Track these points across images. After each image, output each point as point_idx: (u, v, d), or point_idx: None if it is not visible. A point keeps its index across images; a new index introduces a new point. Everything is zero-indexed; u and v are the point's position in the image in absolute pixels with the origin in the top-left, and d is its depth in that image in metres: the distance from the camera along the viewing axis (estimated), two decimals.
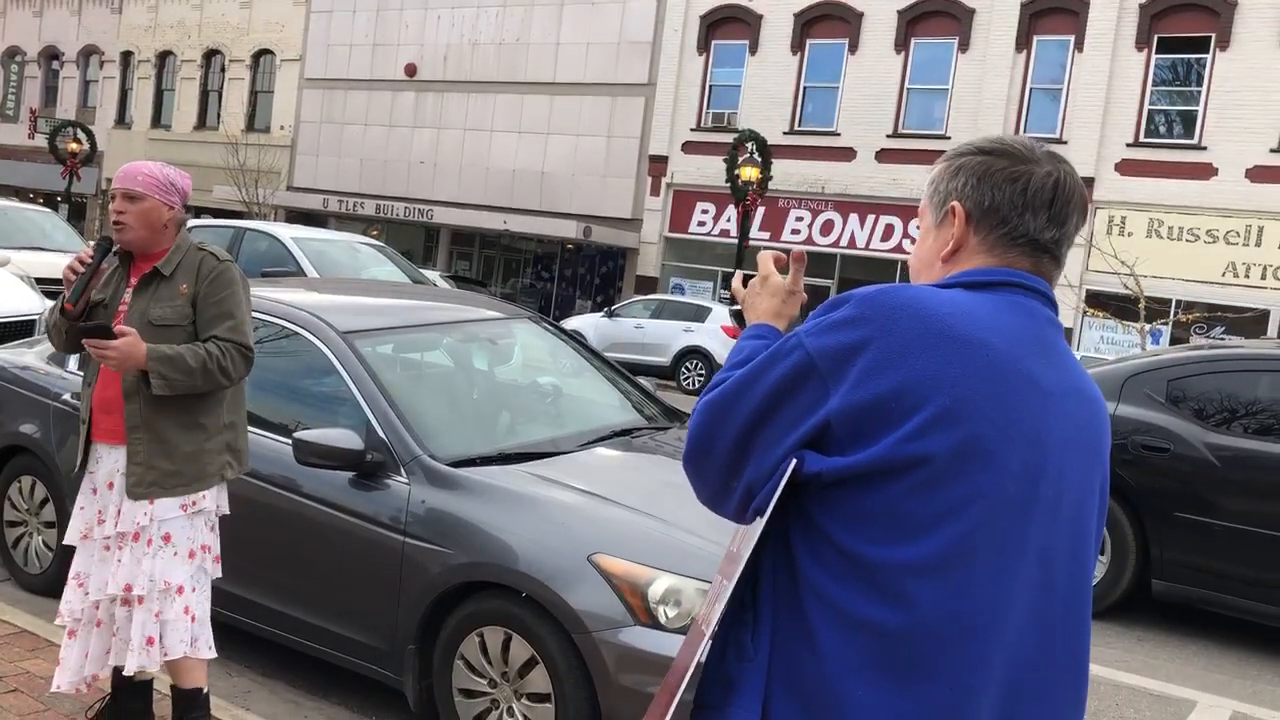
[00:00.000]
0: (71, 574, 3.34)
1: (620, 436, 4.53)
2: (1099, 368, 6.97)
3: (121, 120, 36.13)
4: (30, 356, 5.22)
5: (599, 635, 3.24)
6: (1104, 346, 19.95)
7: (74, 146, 31.27)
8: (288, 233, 11.37)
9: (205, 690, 3.40)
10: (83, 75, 37.46)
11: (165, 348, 3.14)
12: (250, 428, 4.25)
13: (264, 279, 8.77)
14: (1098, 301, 20.48)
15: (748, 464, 1.42)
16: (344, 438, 3.78)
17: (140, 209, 3.25)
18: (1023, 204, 1.47)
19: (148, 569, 3.20)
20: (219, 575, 3.44)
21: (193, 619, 3.30)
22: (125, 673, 3.29)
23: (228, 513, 3.45)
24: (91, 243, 3.33)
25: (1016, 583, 1.34)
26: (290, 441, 3.90)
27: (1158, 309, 19.31)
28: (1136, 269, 18.65)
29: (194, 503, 3.27)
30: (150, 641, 3.21)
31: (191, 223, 12.61)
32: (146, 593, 3.20)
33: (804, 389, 1.37)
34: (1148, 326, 18.71)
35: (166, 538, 3.23)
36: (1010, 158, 1.51)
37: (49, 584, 4.91)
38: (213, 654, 3.37)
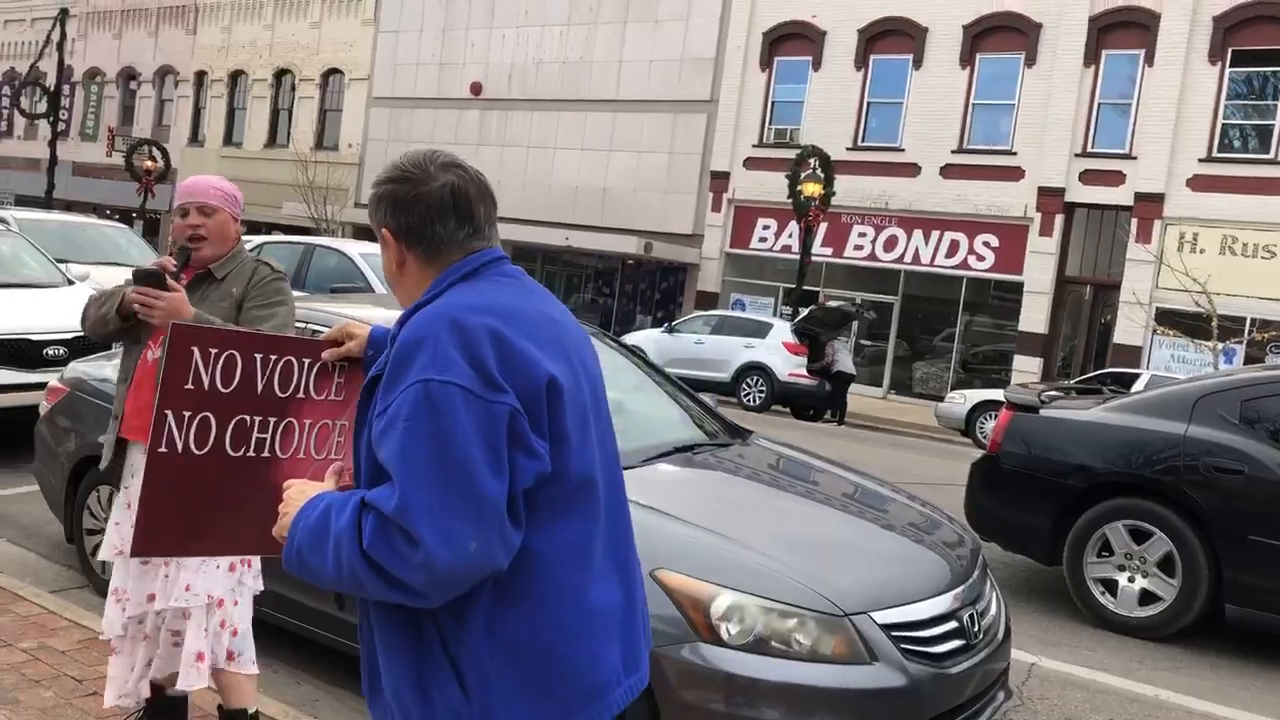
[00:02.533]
0: (110, 589, 3.33)
1: (682, 452, 4.54)
2: (1169, 387, 6.84)
3: (195, 138, 37.03)
4: (109, 369, 5.37)
5: (660, 650, 3.25)
6: (1175, 365, 19.53)
7: (149, 164, 32.05)
8: (356, 249, 11.55)
9: (253, 710, 3.35)
10: (158, 95, 38.48)
11: (213, 319, 3.11)
12: None
13: (333, 295, 8.95)
14: (1168, 320, 20.08)
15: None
16: None
17: (215, 222, 3.29)
18: (429, 218, 1.82)
19: (185, 581, 3.16)
20: (260, 588, 3.41)
21: (233, 633, 3.25)
22: (176, 688, 3.25)
23: None
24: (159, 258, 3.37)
25: (594, 449, 1.82)
26: None
27: (1231, 327, 18.88)
28: (1209, 286, 18.25)
29: None
30: (200, 657, 3.18)
31: (262, 239, 12.87)
32: (193, 606, 3.17)
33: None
34: (1220, 345, 18.29)
35: None
36: (410, 182, 1.84)
37: None
38: (255, 669, 3.33)
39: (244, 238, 3.63)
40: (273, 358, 2.23)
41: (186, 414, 2.11)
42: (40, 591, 4.91)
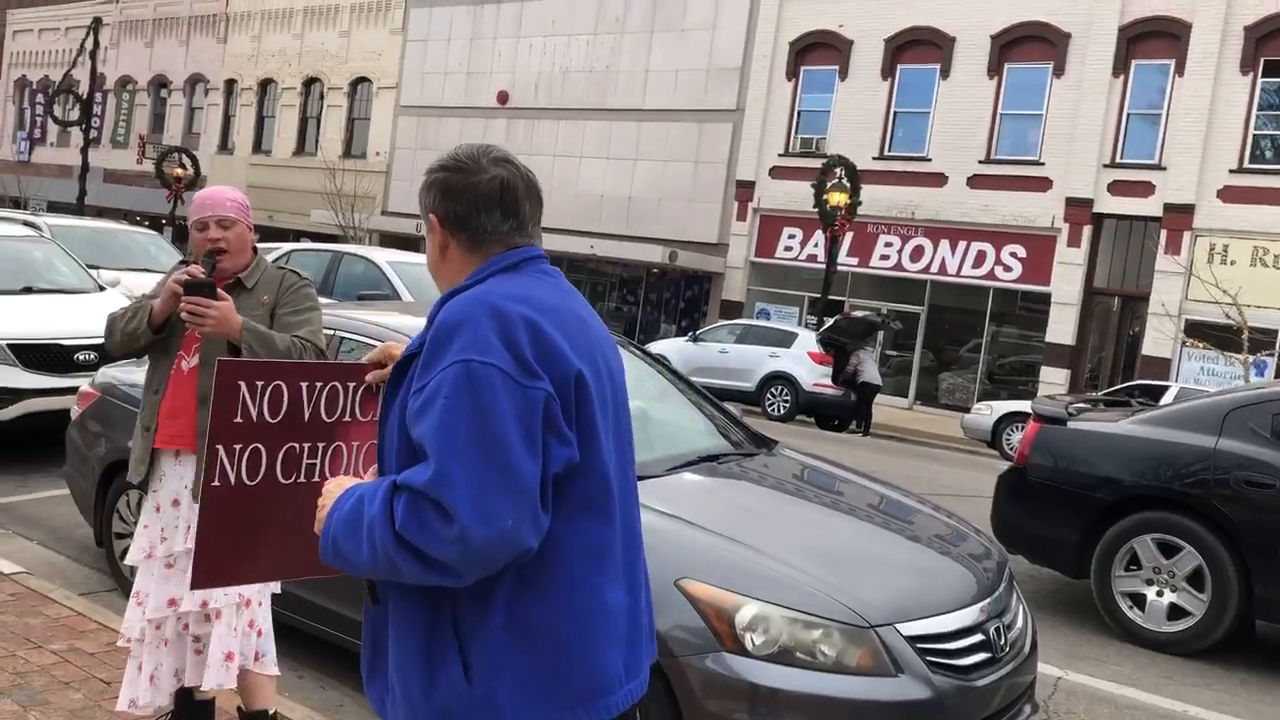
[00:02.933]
0: (133, 592, 3.38)
1: (706, 462, 4.54)
2: (1199, 400, 6.78)
3: (224, 146, 37.36)
4: (140, 374, 5.41)
5: (685, 660, 3.25)
6: (1204, 378, 19.34)
7: (179, 171, 32.35)
8: (383, 256, 11.61)
9: (272, 711, 3.39)
10: (189, 103, 38.85)
11: (258, 325, 3.20)
12: None
13: (360, 302, 8.99)
14: (1198, 332, 19.89)
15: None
16: None
17: (235, 233, 3.35)
18: (475, 208, 1.88)
19: None
20: (278, 589, 3.47)
21: (258, 633, 3.32)
22: (203, 688, 3.29)
23: None
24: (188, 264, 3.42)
25: (614, 452, 1.85)
26: None
27: (1262, 340, 18.69)
28: (1239, 298, 18.07)
29: None
30: (230, 657, 3.23)
31: (290, 247, 12.96)
32: (225, 607, 3.23)
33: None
34: (1251, 358, 18.10)
35: None
36: (461, 172, 1.89)
37: None
38: (277, 671, 3.40)
39: (273, 245, 3.68)
40: (318, 385, 2.26)
41: (237, 447, 2.16)
42: (70, 594, 4.95)
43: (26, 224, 11.73)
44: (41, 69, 43.84)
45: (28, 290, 8.69)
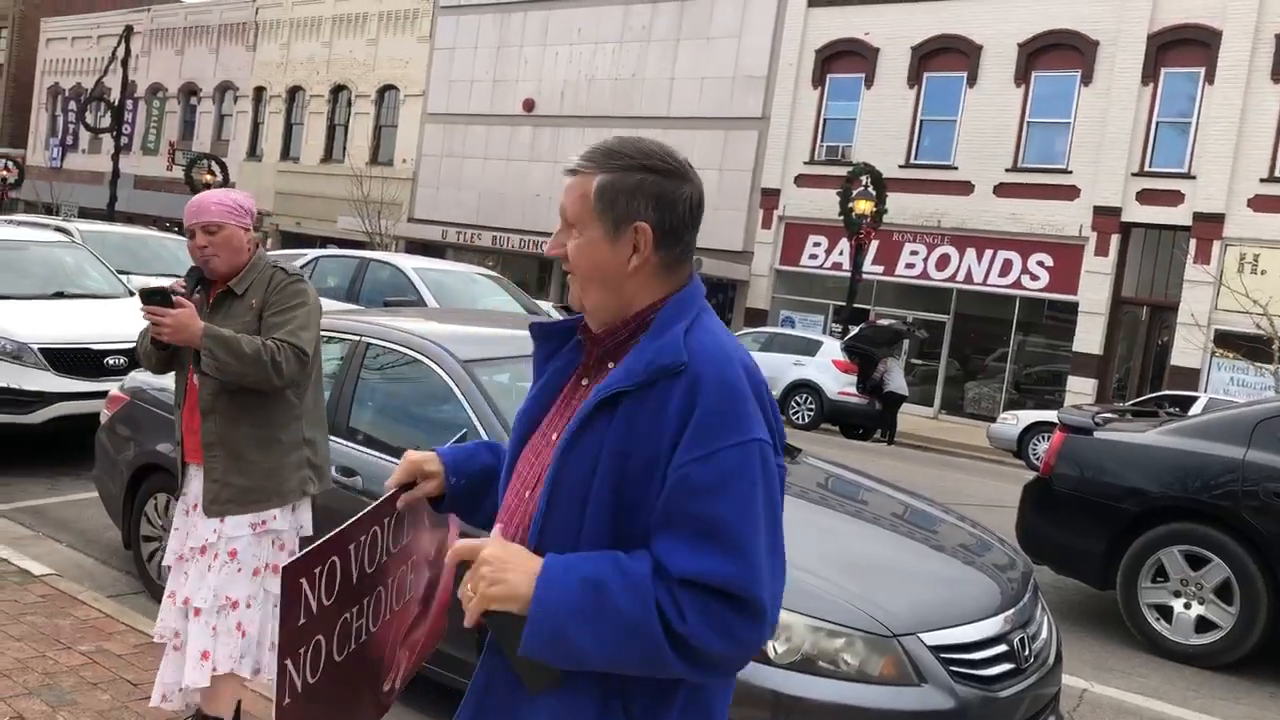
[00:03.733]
0: (166, 593, 3.43)
1: None
2: (1227, 411, 6.72)
3: (253, 153, 37.67)
4: (168, 379, 5.47)
5: None
6: (1233, 389, 19.14)
7: (208, 178, 32.60)
8: (409, 263, 11.68)
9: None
10: (218, 110, 39.21)
11: (223, 330, 3.16)
12: (371, 450, 4.39)
13: (386, 308, 9.05)
14: (1227, 342, 19.70)
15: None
16: None
17: (221, 238, 3.30)
18: (689, 222, 1.64)
19: (211, 583, 3.26)
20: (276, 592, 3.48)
21: (243, 634, 3.30)
22: (184, 685, 3.32)
23: (310, 534, 3.37)
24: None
25: None
26: None
27: None
28: (1269, 308, 17.89)
29: (263, 522, 3.30)
30: (205, 656, 3.25)
31: (317, 253, 13.05)
32: (206, 607, 3.25)
33: None
34: None
35: (232, 554, 3.28)
36: (675, 177, 1.62)
37: None
38: (260, 675, 3.37)
39: (300, 251, 3.71)
40: (362, 539, 2.04)
41: (303, 651, 1.95)
42: (99, 596, 5.00)
43: (58, 230, 11.87)
44: (74, 76, 44.37)
45: (59, 295, 8.80)
